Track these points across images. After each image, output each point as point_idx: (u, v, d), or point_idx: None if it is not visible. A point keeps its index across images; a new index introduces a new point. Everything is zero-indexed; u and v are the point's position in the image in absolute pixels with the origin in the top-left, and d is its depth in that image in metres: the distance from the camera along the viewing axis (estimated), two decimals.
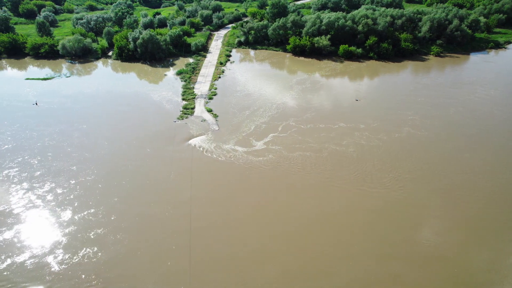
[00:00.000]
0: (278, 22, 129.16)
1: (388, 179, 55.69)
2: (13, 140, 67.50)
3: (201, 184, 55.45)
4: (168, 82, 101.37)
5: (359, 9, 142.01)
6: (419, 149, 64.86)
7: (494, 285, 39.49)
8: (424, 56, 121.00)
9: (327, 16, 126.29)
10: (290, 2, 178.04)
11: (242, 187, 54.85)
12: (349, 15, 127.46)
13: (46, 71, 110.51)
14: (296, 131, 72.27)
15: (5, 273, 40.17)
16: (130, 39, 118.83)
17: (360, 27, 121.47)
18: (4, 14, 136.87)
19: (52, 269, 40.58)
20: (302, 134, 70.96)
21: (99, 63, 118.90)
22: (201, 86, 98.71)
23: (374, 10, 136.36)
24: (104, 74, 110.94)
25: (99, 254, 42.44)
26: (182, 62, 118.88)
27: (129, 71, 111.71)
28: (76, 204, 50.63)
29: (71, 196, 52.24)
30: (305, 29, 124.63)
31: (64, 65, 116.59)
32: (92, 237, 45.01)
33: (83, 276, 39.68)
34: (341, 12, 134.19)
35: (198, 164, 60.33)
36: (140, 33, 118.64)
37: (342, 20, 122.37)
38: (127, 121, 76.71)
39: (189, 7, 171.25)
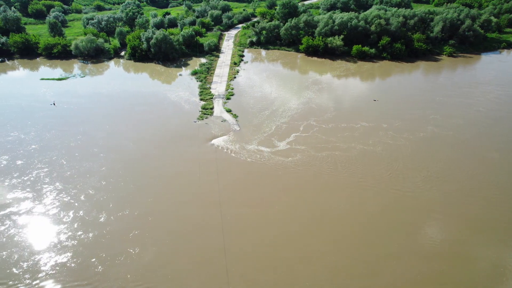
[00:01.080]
0: (290, 22, 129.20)
1: (420, 179, 55.81)
2: (39, 140, 67.31)
3: (234, 186, 55.16)
4: (183, 82, 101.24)
5: (371, 9, 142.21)
6: (446, 148, 65.06)
7: None
8: (436, 56, 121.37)
9: (340, 16, 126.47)
10: (298, 2, 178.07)
11: (276, 188, 54.45)
12: (361, 15, 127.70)
13: (60, 71, 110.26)
14: (318, 131, 72.30)
15: (50, 273, 40.06)
16: (143, 39, 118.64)
17: (373, 27, 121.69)
18: (15, 15, 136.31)
19: (97, 270, 40.45)
20: (325, 133, 71.01)
21: (112, 63, 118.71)
22: (218, 86, 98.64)
23: (386, 10, 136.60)
24: (119, 74, 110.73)
25: (142, 254, 42.33)
26: (195, 62, 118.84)
27: (143, 71, 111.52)
28: (111, 205, 50.45)
29: (105, 197, 52.08)
30: (317, 29, 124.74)
31: (77, 65, 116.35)
32: (131, 237, 44.88)
33: (129, 276, 39.58)
34: (353, 13, 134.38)
35: (228, 166, 60.01)
36: (153, 33, 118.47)
37: (355, 21, 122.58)
38: (148, 121, 76.60)
39: (198, 7, 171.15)
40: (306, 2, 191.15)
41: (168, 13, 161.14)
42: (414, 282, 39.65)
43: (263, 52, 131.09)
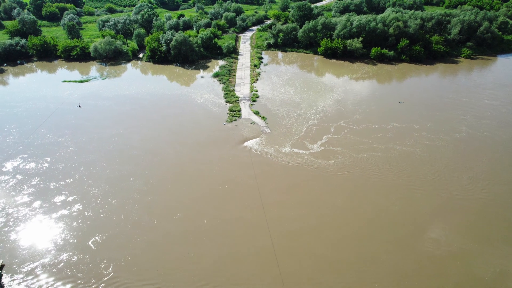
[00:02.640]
0: (308, 25, 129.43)
1: (466, 180, 55.83)
2: (75, 142, 66.97)
3: (282, 189, 54.69)
4: (206, 85, 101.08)
5: (387, 11, 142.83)
6: (485, 149, 65.23)
7: None
8: (455, 59, 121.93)
9: (358, 18, 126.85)
10: (311, 5, 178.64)
11: (325, 191, 54.19)
12: (379, 17, 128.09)
13: (80, 73, 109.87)
14: (350, 132, 72.34)
15: (113, 274, 39.72)
16: (162, 41, 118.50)
17: (391, 30, 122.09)
18: (31, 17, 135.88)
19: (160, 272, 40.13)
20: (357, 134, 71.02)
21: (131, 65, 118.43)
22: (241, 88, 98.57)
23: (403, 13, 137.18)
24: (139, 76, 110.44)
25: (203, 257, 42.02)
26: (213, 65, 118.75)
27: (163, 73, 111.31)
28: (161, 209, 50.04)
29: (153, 201, 51.67)
30: (336, 31, 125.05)
31: (96, 67, 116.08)
32: (189, 241, 44.53)
33: (195, 279, 39.27)
34: (371, 15, 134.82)
35: (271, 169, 59.49)
36: (173, 35, 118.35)
37: (373, 23, 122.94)
38: (179, 123, 76.47)
39: (211, 9, 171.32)
40: (318, 4, 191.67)
41: (182, 15, 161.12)
42: (483, 282, 39.59)
43: (281, 54, 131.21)
